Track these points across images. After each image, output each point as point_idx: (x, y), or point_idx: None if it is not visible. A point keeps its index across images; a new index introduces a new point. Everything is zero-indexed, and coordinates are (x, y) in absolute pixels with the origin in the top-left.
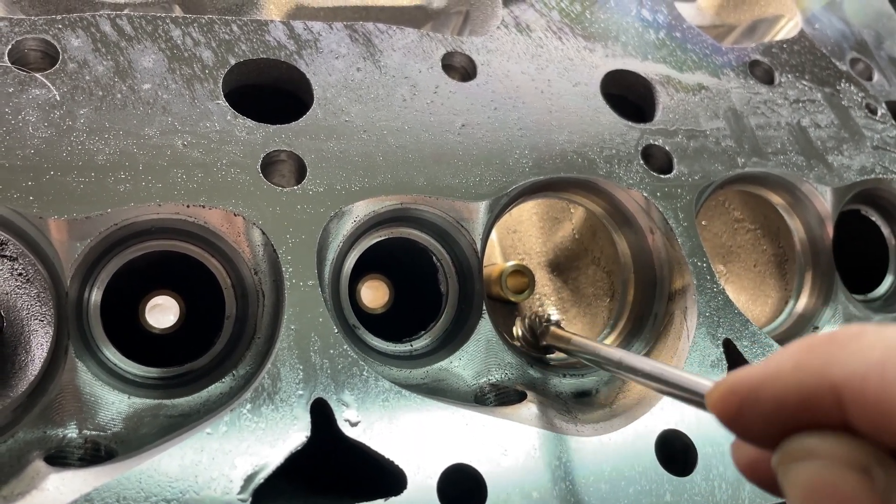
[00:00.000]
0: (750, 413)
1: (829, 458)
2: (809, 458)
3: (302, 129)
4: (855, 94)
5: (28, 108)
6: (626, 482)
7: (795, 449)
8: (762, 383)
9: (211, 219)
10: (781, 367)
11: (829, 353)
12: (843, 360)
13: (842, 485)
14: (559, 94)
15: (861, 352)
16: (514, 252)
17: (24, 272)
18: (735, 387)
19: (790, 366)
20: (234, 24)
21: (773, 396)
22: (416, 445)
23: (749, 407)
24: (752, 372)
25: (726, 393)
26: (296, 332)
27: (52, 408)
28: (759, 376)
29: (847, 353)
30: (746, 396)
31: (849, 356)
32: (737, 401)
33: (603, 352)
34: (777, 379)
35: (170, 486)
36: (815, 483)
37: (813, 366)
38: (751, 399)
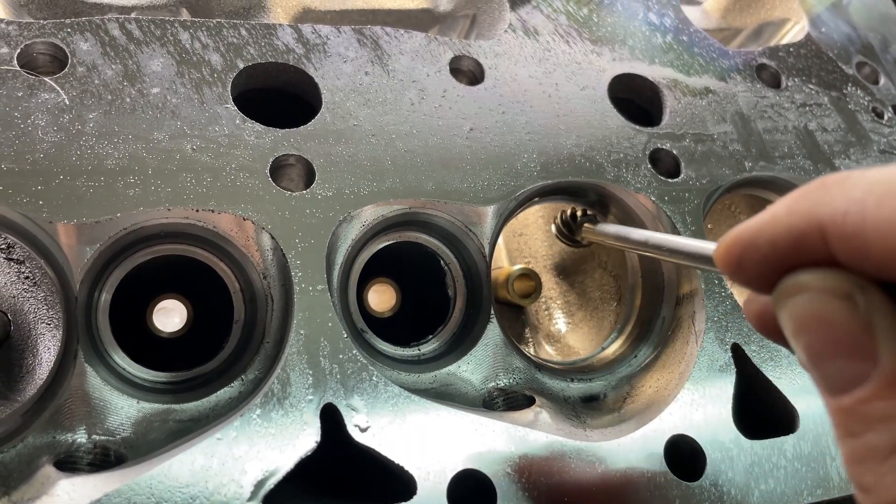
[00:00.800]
0: (750, 259)
1: (817, 290)
2: (800, 291)
3: (310, 134)
4: (861, 98)
5: (37, 112)
6: (634, 487)
7: (788, 285)
8: (759, 230)
9: (220, 223)
10: (776, 214)
11: (817, 195)
12: (829, 200)
13: (828, 312)
14: (567, 98)
15: (844, 192)
16: (521, 255)
17: (32, 276)
18: (737, 237)
19: (783, 211)
20: (242, 28)
21: (769, 240)
22: (425, 450)
23: (749, 254)
24: (751, 222)
25: (729, 244)
26: (305, 337)
27: (62, 412)
28: (757, 224)
29: (832, 193)
30: (746, 244)
31: (833, 196)
32: (738, 250)
33: (633, 236)
34: (772, 225)
35: (180, 492)
36: (805, 313)
37: (802, 208)
38: (750, 246)
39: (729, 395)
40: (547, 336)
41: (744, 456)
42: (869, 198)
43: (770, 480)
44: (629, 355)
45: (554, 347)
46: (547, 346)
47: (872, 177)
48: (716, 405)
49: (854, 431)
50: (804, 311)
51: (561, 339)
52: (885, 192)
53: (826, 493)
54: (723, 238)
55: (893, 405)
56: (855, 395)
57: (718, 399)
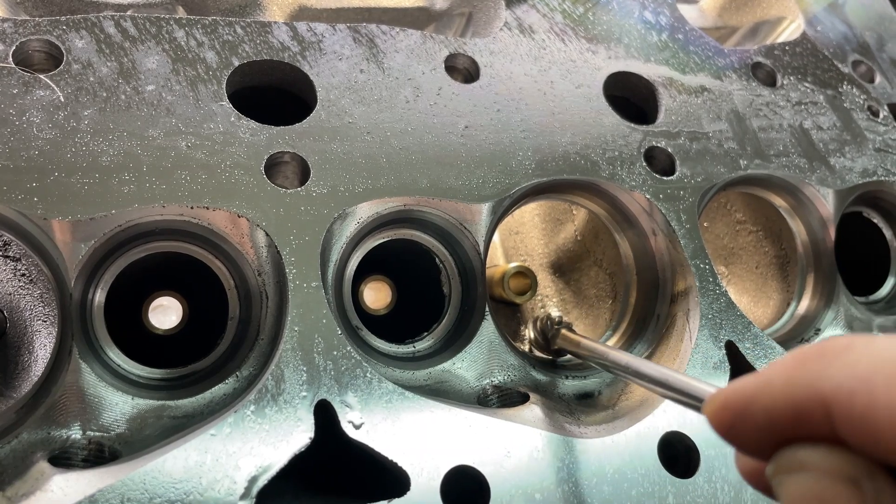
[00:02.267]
0: (743, 426)
1: (820, 471)
2: (801, 469)
3: (305, 131)
4: (857, 97)
5: (32, 110)
6: (628, 484)
7: (788, 461)
8: (754, 397)
9: (215, 220)
10: (772, 382)
11: (818, 366)
12: (832, 374)
13: (832, 496)
14: (562, 96)
15: (849, 366)
16: (517, 253)
17: (28, 273)
18: (728, 401)
19: (781, 380)
20: (237, 26)
21: (765, 410)
22: (419, 447)
23: (742, 420)
24: (745, 385)
25: (720, 407)
26: (299, 334)
27: (56, 409)
28: (752, 390)
29: (836, 366)
30: (739, 410)
31: (837, 370)
32: (730, 415)
33: (611, 356)
34: (768, 393)
35: (174, 488)
36: (808, 494)
37: (803, 380)
38: (744, 413)
39: None
40: None
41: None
42: (877, 378)
43: None
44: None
45: None
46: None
47: (878, 351)
48: None
49: None
50: (806, 491)
51: None
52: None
53: None
54: (714, 395)
55: None
56: None
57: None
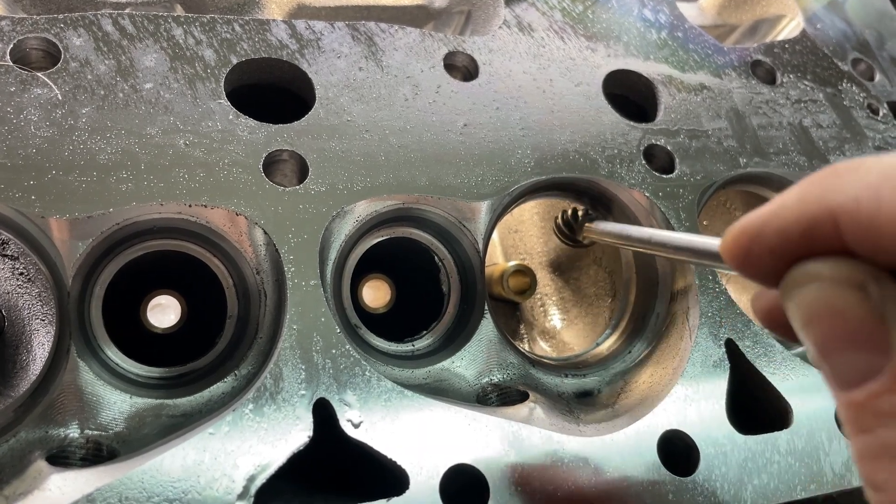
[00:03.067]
0: (758, 250)
1: (828, 279)
2: (810, 281)
3: (304, 129)
4: (857, 95)
5: (30, 108)
6: (628, 483)
7: (798, 274)
8: (768, 219)
9: (213, 218)
10: (785, 202)
11: (828, 182)
12: (841, 187)
13: (840, 301)
14: (561, 94)
15: (858, 178)
16: (516, 252)
17: (26, 271)
18: (744, 227)
19: (794, 199)
20: (235, 24)
21: (778, 229)
22: (418, 445)
23: (757, 244)
24: (760, 211)
25: (737, 234)
26: (298, 332)
27: (54, 407)
28: (766, 213)
29: (845, 180)
30: (754, 234)
31: (846, 183)
32: (746, 241)
33: (634, 234)
34: (782, 213)
35: (172, 486)
36: (815, 303)
37: (813, 195)
38: (758, 236)
39: (723, 391)
40: (542, 332)
41: (737, 451)
42: (885, 185)
43: (763, 475)
44: (623, 351)
45: (549, 343)
46: (542, 342)
47: (888, 163)
48: (709, 401)
49: (866, 427)
50: (814, 301)
51: (556, 335)
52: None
53: (819, 489)
54: (729, 229)
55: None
56: (867, 389)
57: (712, 394)
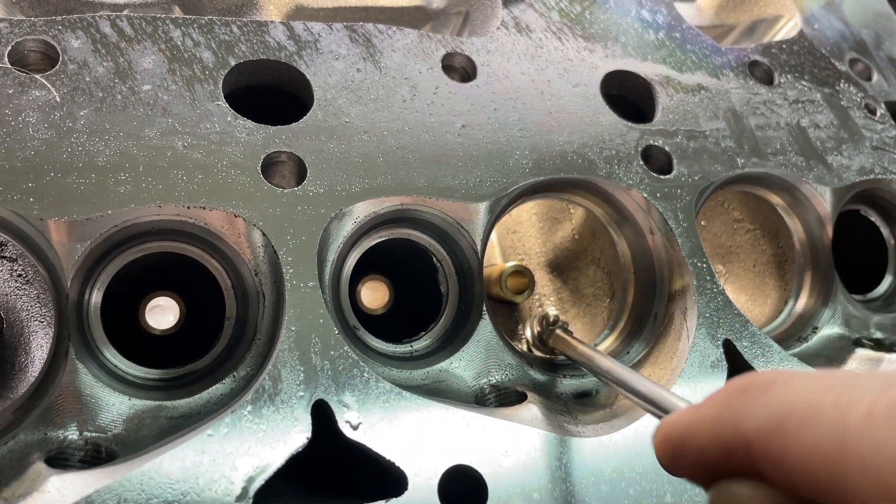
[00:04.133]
0: (682, 460)
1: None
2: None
3: (302, 130)
4: (854, 95)
5: (28, 110)
6: (626, 483)
7: (721, 495)
8: (687, 434)
9: (211, 220)
10: (702, 419)
11: (741, 405)
12: (753, 415)
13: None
14: (559, 95)
15: (768, 406)
16: (514, 252)
17: (24, 273)
18: (667, 435)
19: (709, 418)
20: (233, 25)
21: (697, 447)
22: (416, 446)
23: (680, 455)
24: (681, 420)
25: (661, 440)
26: (296, 334)
27: (53, 409)
28: (686, 426)
29: (757, 406)
30: (677, 445)
31: (757, 410)
32: (670, 449)
33: (596, 361)
34: (699, 431)
35: (171, 488)
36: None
37: (727, 419)
38: (680, 447)
39: None
40: None
41: None
42: (789, 422)
43: None
44: (621, 351)
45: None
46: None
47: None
48: None
49: None
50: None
51: None
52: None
53: None
54: (657, 428)
55: None
56: None
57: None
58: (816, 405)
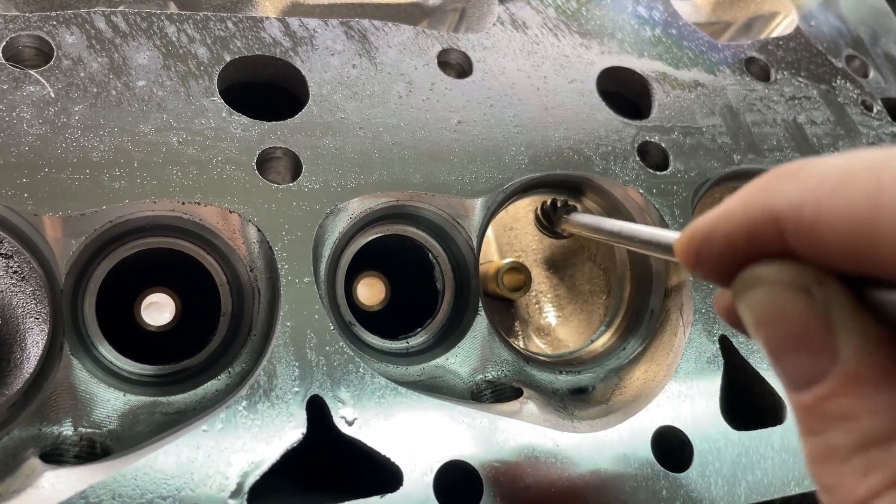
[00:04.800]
0: (708, 253)
1: (774, 283)
2: (757, 285)
3: (297, 126)
4: (851, 91)
5: (22, 105)
6: (622, 479)
7: (746, 279)
8: (716, 225)
9: (206, 216)
10: (731, 207)
11: (770, 186)
12: (782, 192)
13: (786, 305)
14: (555, 91)
15: (798, 182)
16: (511, 249)
17: (20, 270)
18: (693, 233)
19: (738, 203)
20: (229, 21)
21: (725, 234)
22: (412, 442)
23: (707, 248)
24: (708, 216)
25: (686, 240)
26: (291, 329)
27: (48, 405)
28: (714, 218)
29: (787, 184)
30: (703, 238)
31: (787, 187)
32: (696, 244)
33: (606, 226)
34: (728, 218)
35: (166, 483)
36: (763, 307)
37: (756, 200)
38: (707, 240)
39: (716, 387)
40: (537, 329)
41: (731, 447)
42: (822, 189)
43: (757, 471)
44: (618, 348)
45: (544, 340)
46: (537, 340)
47: (826, 166)
48: (703, 397)
49: (815, 429)
50: (762, 304)
51: (551, 332)
52: (837, 183)
53: (813, 484)
54: (682, 232)
55: (854, 402)
56: (815, 391)
57: (706, 391)
58: (849, 170)
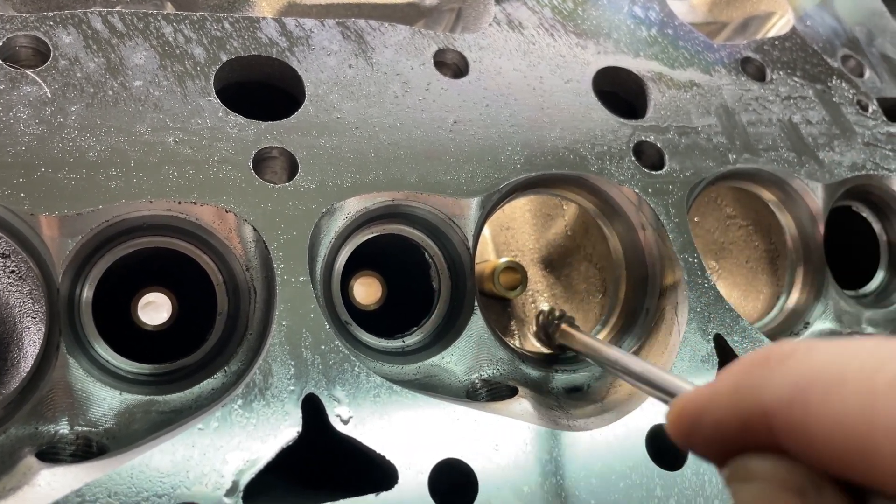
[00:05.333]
0: (698, 436)
1: (767, 481)
2: (749, 479)
3: (294, 126)
4: (846, 91)
5: (19, 105)
6: (616, 477)
7: (738, 470)
8: (705, 407)
9: (202, 215)
10: (720, 391)
11: (761, 375)
12: (773, 384)
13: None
14: (551, 91)
15: (788, 375)
16: (507, 249)
17: (17, 269)
18: (683, 411)
19: (728, 389)
20: (225, 21)
21: (714, 421)
22: (407, 440)
23: (697, 430)
24: (697, 395)
25: (676, 417)
26: (287, 328)
27: (44, 404)
28: (702, 400)
29: (777, 376)
30: (692, 421)
31: (778, 380)
32: (685, 426)
33: (603, 352)
34: (717, 403)
35: (161, 482)
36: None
37: (745, 390)
38: (696, 423)
39: None
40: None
41: None
42: (812, 390)
43: None
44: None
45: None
46: (532, 339)
47: (816, 359)
48: None
49: None
50: (755, 501)
51: None
52: (828, 386)
53: None
54: (671, 405)
55: None
56: None
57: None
58: (841, 372)
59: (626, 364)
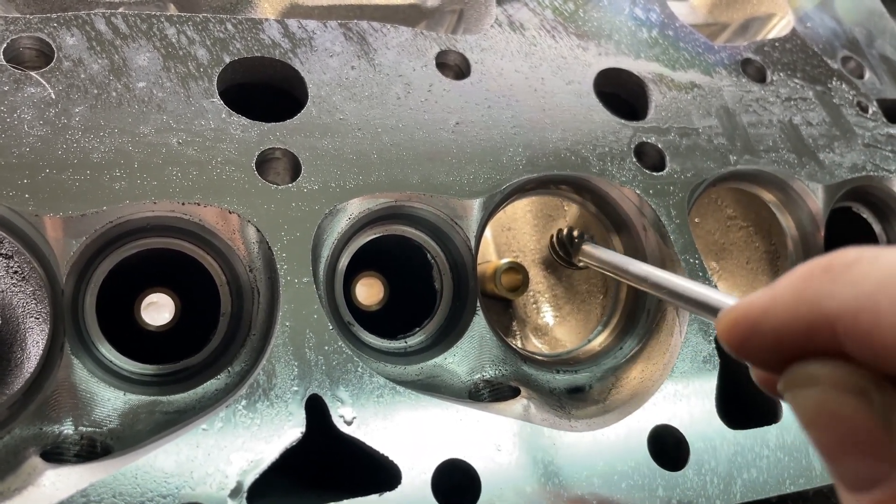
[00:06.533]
0: (754, 344)
1: (829, 384)
2: (811, 384)
3: (296, 127)
4: (846, 92)
5: (23, 107)
6: (618, 477)
7: (798, 376)
8: (763, 316)
9: (206, 216)
10: (780, 299)
11: (824, 284)
12: (837, 293)
13: (842, 408)
14: (552, 93)
15: (854, 283)
16: (509, 249)
17: (20, 270)
18: (739, 319)
19: (788, 297)
20: (228, 23)
21: (774, 328)
22: (410, 441)
23: (752, 339)
24: (755, 303)
25: (731, 325)
26: (290, 329)
27: (49, 405)
28: (761, 308)
29: (841, 283)
30: (750, 328)
31: (842, 288)
32: (741, 332)
33: (631, 268)
34: (776, 311)
35: (165, 482)
36: (818, 407)
37: (808, 298)
38: (753, 331)
39: (712, 386)
40: (534, 329)
41: (727, 446)
42: (881, 296)
43: (753, 470)
44: (615, 347)
45: (541, 340)
46: (534, 339)
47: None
48: (699, 396)
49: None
50: (816, 405)
51: (548, 331)
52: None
53: (808, 483)
54: (724, 313)
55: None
56: (874, 495)
57: (702, 390)
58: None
59: (658, 279)
